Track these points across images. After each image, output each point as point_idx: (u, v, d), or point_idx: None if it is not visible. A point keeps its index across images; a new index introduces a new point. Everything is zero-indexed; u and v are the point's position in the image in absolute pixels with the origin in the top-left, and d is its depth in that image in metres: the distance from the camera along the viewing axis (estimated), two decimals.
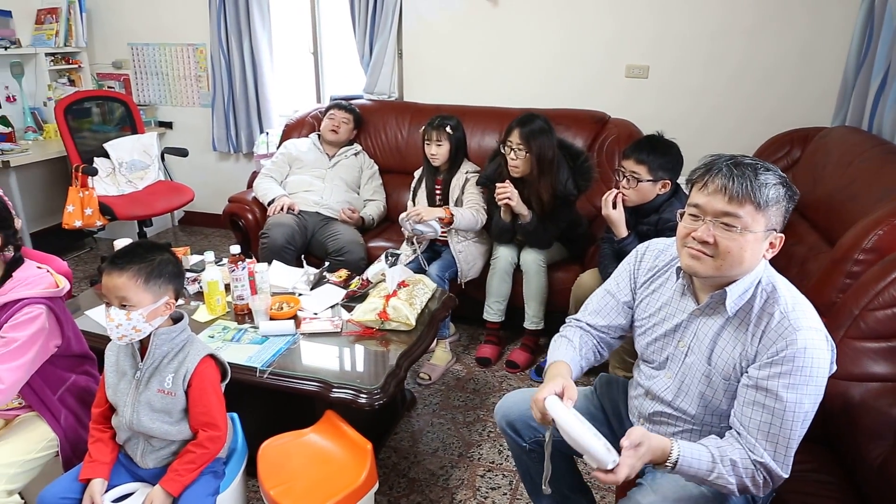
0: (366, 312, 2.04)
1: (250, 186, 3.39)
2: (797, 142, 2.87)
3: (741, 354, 1.24)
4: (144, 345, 1.47)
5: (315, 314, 2.13)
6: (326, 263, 2.59)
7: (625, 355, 2.33)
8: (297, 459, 1.66)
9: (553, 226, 2.63)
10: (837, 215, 2.12)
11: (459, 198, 2.78)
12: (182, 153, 3.85)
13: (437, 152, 2.77)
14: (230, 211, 3.21)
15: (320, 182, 3.17)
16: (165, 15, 4.11)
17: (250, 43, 3.86)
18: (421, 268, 2.72)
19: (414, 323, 2.04)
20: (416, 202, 2.90)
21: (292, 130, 3.55)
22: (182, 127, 4.37)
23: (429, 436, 2.34)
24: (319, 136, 3.32)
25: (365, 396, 1.73)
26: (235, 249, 2.15)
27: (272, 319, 2.06)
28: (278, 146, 3.46)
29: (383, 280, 2.24)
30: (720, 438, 1.22)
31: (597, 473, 1.11)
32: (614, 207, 2.25)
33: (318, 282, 2.36)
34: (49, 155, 3.68)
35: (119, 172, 3.67)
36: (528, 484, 1.65)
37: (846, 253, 1.75)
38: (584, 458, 1.13)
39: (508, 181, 2.55)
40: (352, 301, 2.22)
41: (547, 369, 1.40)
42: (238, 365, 1.81)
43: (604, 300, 1.51)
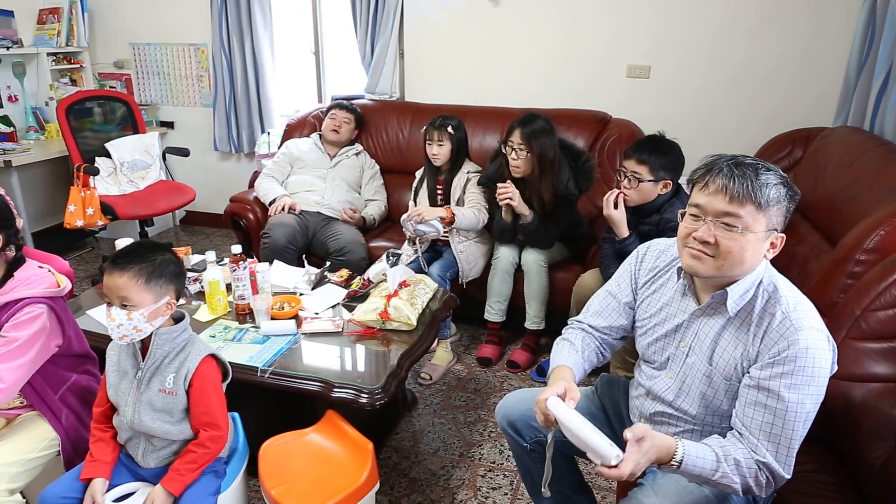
0: (367, 312, 2.04)
1: (251, 186, 3.39)
2: (799, 142, 2.87)
3: (742, 355, 1.23)
4: (146, 344, 1.47)
5: (316, 314, 2.13)
6: (328, 263, 2.60)
7: (626, 355, 2.32)
8: (298, 459, 1.66)
9: (554, 226, 2.63)
10: (839, 215, 2.12)
11: (461, 197, 2.78)
12: (183, 153, 3.86)
13: (439, 152, 2.77)
14: (231, 211, 3.22)
15: (321, 182, 3.18)
16: (167, 15, 4.11)
17: (252, 43, 3.86)
18: (421, 269, 2.71)
19: (415, 323, 2.04)
20: (418, 202, 2.90)
21: (293, 130, 3.55)
22: (183, 127, 4.38)
23: (430, 436, 2.34)
24: (321, 136, 3.32)
25: (366, 396, 1.73)
26: (237, 249, 2.15)
27: (273, 319, 2.06)
28: (279, 146, 3.46)
29: (384, 280, 2.24)
30: (723, 438, 1.22)
31: (601, 469, 1.10)
32: (615, 207, 2.25)
33: (320, 282, 2.36)
34: (51, 154, 3.69)
35: (120, 172, 3.68)
36: (529, 484, 1.65)
37: (848, 253, 1.74)
38: (588, 456, 1.12)
39: (510, 181, 2.55)
40: (353, 301, 2.22)
41: (550, 374, 1.40)
42: (239, 364, 1.81)
43: (605, 301, 1.51)
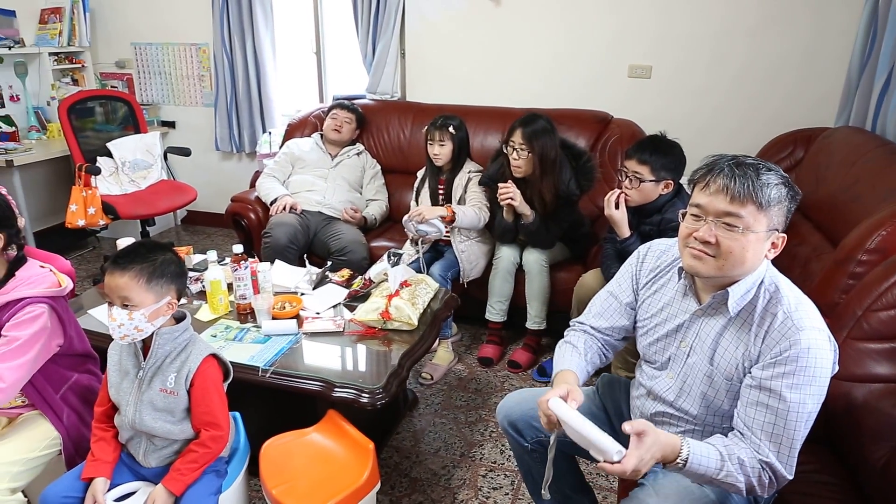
0: (368, 312, 2.04)
1: (253, 186, 3.39)
2: (800, 142, 2.86)
3: (744, 355, 1.23)
4: (147, 344, 1.47)
5: (317, 314, 2.13)
6: (329, 263, 2.60)
7: (627, 355, 2.32)
8: (299, 459, 1.66)
9: (555, 226, 2.63)
10: (841, 216, 2.12)
11: (462, 197, 2.78)
12: (185, 153, 3.86)
13: (440, 152, 2.77)
14: (233, 210, 3.22)
15: (323, 182, 3.18)
16: (168, 14, 4.12)
17: (253, 42, 3.87)
18: (421, 270, 2.71)
19: (416, 323, 2.04)
20: (420, 202, 2.90)
21: (295, 130, 3.55)
22: (185, 126, 4.38)
23: (431, 435, 2.34)
24: (322, 136, 3.32)
25: (367, 396, 1.73)
26: (238, 249, 2.15)
27: (274, 319, 2.06)
28: (281, 146, 3.46)
29: (385, 280, 2.24)
30: (725, 437, 1.21)
31: (604, 465, 1.10)
32: (617, 208, 2.25)
33: (321, 281, 2.36)
34: (52, 154, 3.69)
35: (122, 172, 3.68)
36: (530, 484, 1.65)
37: (849, 253, 1.74)
38: (591, 453, 1.13)
39: (511, 181, 2.55)
40: (354, 301, 2.22)
41: (554, 378, 1.41)
42: (240, 364, 1.81)
43: (607, 302, 1.51)
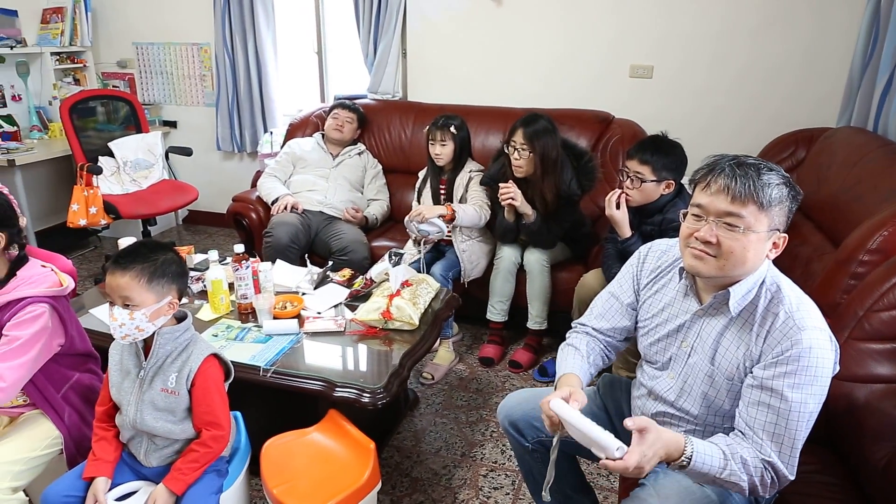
0: (369, 312, 2.04)
1: (254, 186, 3.40)
2: (802, 142, 2.86)
3: (745, 355, 1.23)
4: (148, 344, 1.47)
5: (318, 313, 2.13)
6: (330, 263, 2.60)
7: (628, 356, 2.32)
8: (300, 458, 1.66)
9: (557, 226, 2.63)
10: (842, 216, 2.11)
11: (464, 196, 2.78)
12: (186, 152, 3.86)
13: (442, 152, 2.77)
14: (234, 210, 3.22)
15: (324, 181, 3.18)
16: (170, 14, 4.12)
17: (254, 42, 3.87)
18: (421, 270, 2.71)
19: (417, 322, 2.04)
20: (421, 202, 2.90)
21: (296, 130, 3.55)
22: (186, 126, 4.39)
23: (431, 435, 2.34)
24: (323, 136, 3.32)
25: (368, 396, 1.73)
26: (239, 248, 2.15)
27: (276, 318, 2.06)
28: (282, 145, 3.46)
29: (387, 279, 2.24)
30: (727, 437, 1.21)
31: (606, 462, 1.10)
32: (618, 208, 2.25)
33: (322, 281, 2.37)
34: (54, 154, 3.70)
35: (123, 171, 3.69)
36: (531, 484, 1.65)
37: (851, 254, 1.74)
38: (593, 451, 1.13)
39: (512, 181, 2.55)
40: (355, 300, 2.23)
41: (557, 381, 1.41)
42: (241, 364, 1.81)
43: (608, 303, 1.51)
